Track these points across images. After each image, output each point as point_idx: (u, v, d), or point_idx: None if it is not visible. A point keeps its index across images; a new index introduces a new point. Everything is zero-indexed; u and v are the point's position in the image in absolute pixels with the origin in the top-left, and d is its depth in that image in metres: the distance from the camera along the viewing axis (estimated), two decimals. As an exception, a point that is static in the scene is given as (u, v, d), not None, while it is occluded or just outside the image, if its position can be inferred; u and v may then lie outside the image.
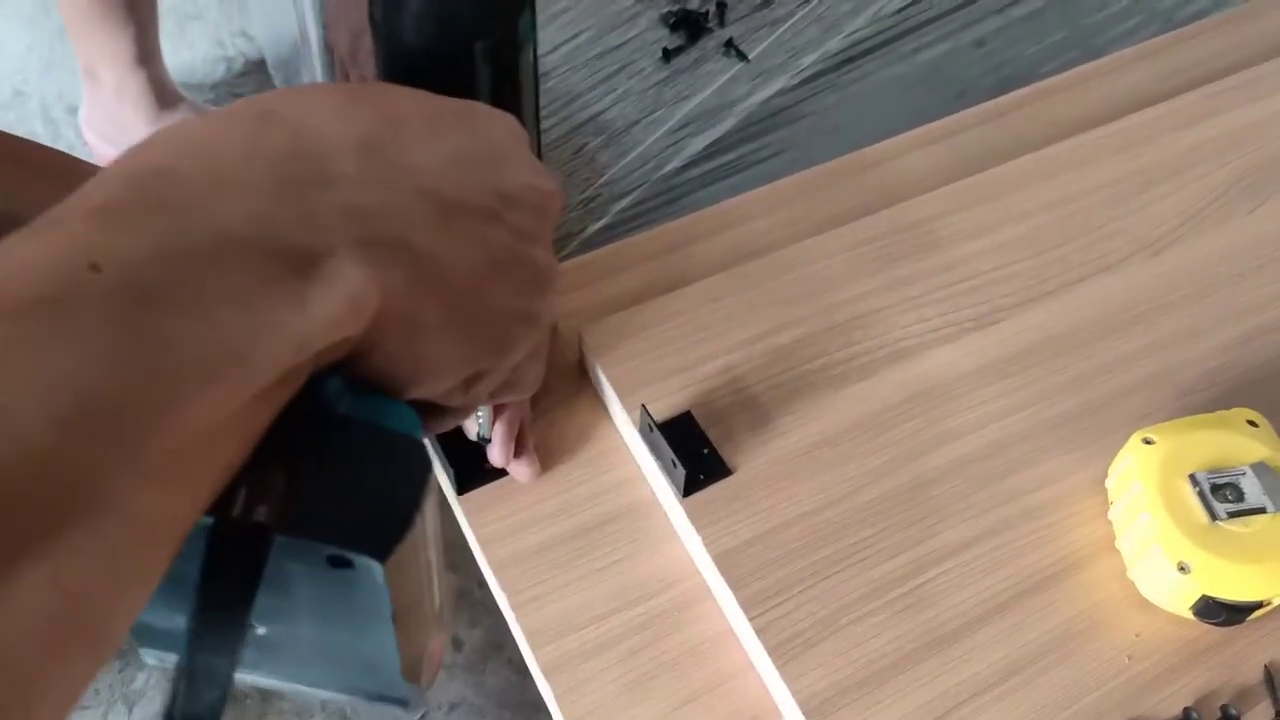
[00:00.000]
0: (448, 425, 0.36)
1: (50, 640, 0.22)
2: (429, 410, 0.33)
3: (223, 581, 0.27)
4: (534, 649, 0.54)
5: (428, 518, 0.30)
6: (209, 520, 0.27)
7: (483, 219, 0.31)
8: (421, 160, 0.30)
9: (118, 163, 0.27)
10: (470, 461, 0.57)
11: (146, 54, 1.26)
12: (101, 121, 1.33)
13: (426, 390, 0.31)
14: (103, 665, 0.24)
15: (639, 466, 0.59)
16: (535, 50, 0.39)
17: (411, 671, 0.31)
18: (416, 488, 0.29)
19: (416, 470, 0.30)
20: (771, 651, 0.52)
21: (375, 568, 0.27)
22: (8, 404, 0.21)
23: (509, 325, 0.33)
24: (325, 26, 0.91)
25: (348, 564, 0.27)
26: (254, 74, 1.48)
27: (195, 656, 0.27)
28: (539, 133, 0.41)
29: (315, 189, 0.28)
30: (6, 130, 0.60)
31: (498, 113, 0.34)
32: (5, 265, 0.23)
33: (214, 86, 1.48)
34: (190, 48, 1.50)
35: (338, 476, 0.28)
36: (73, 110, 1.41)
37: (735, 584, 0.53)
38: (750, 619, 0.52)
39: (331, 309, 0.26)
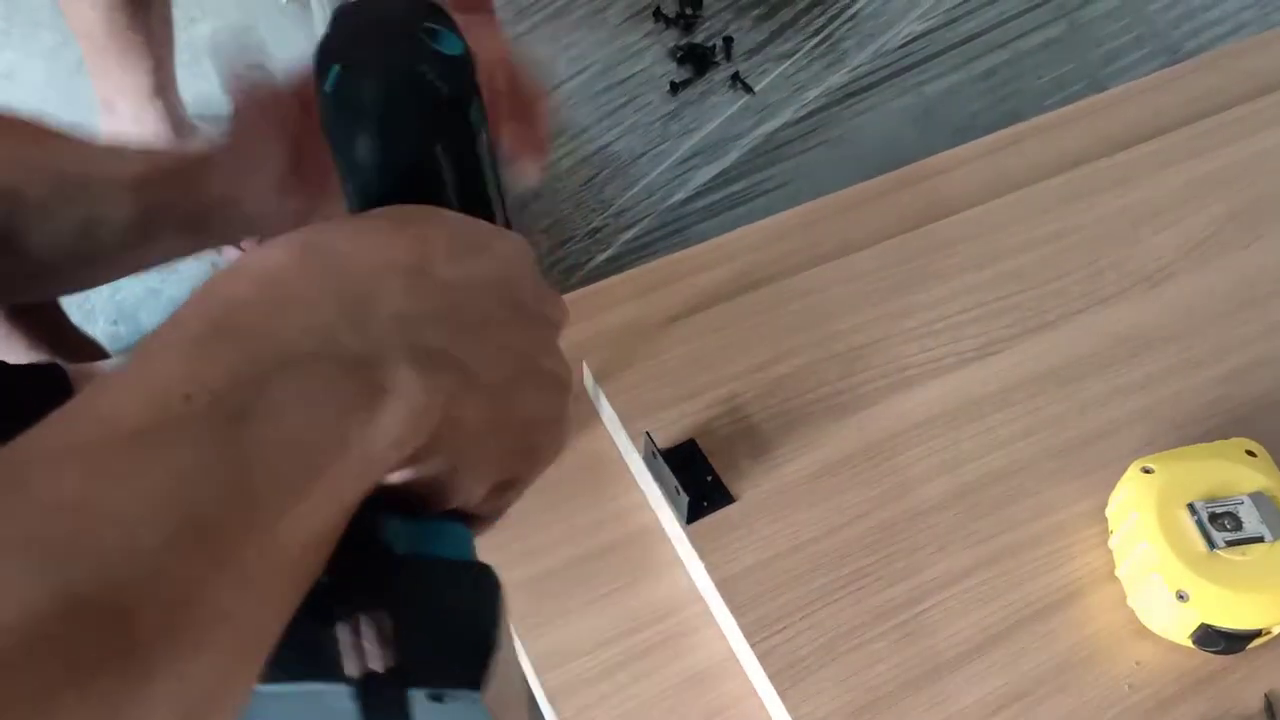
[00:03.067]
0: (478, 533, 0.37)
1: None
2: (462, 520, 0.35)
3: None
4: (539, 674, 0.54)
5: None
6: (337, 685, 0.28)
7: (509, 332, 0.33)
8: (453, 278, 0.32)
9: (194, 298, 0.29)
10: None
11: (163, 86, 1.28)
12: (118, 152, 1.36)
13: (464, 497, 0.33)
14: None
15: (643, 494, 0.60)
16: (487, 131, 0.40)
17: None
18: (495, 612, 0.31)
19: (491, 595, 0.31)
20: (773, 678, 0.52)
21: (474, 698, 0.29)
22: (127, 528, 0.23)
23: (538, 431, 0.35)
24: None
25: (442, 699, 0.29)
26: (268, 106, 1.51)
27: None
28: (505, 208, 0.42)
29: (365, 303, 0.30)
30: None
31: (512, 235, 0.37)
32: (109, 400, 0.26)
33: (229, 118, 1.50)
34: (206, 79, 1.52)
35: (424, 617, 0.30)
36: (90, 141, 1.44)
37: (737, 610, 0.54)
38: (752, 645, 0.53)
39: (399, 425, 0.28)
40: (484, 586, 0.31)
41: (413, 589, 0.30)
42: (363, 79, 0.36)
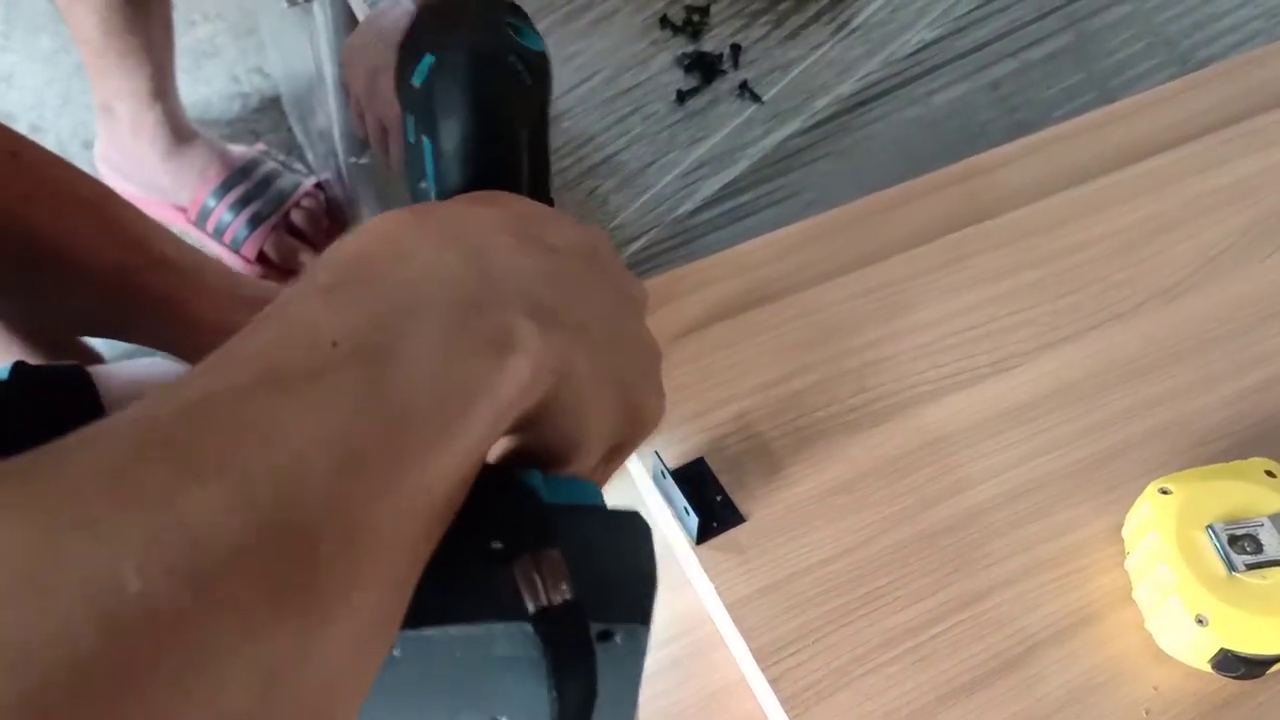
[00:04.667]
0: None
1: (358, 670, 0.25)
2: None
3: (569, 666, 0.28)
4: (545, 698, 0.53)
5: None
6: (510, 623, 0.28)
7: (607, 298, 0.35)
8: (558, 245, 0.34)
9: (319, 260, 0.30)
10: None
11: (162, 90, 1.27)
12: (117, 157, 1.34)
13: (581, 460, 0.34)
14: None
15: (651, 513, 0.59)
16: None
17: None
18: (650, 552, 0.31)
19: (646, 536, 0.32)
20: (785, 703, 0.51)
21: (643, 633, 0.30)
22: (304, 458, 0.24)
23: (642, 395, 0.36)
24: (341, 65, 0.91)
25: (611, 636, 0.29)
26: (269, 110, 1.50)
27: None
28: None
29: (484, 256, 0.31)
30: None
31: (590, 224, 0.39)
32: (255, 348, 0.26)
33: (230, 123, 1.49)
34: (207, 84, 1.51)
35: (591, 557, 0.30)
36: (88, 145, 1.43)
37: (748, 633, 0.53)
38: (763, 669, 0.52)
39: (524, 373, 0.29)
40: (638, 528, 0.32)
41: (576, 531, 0.30)
42: (456, 67, 0.38)
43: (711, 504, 0.56)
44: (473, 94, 0.38)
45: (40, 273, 0.62)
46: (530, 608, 0.28)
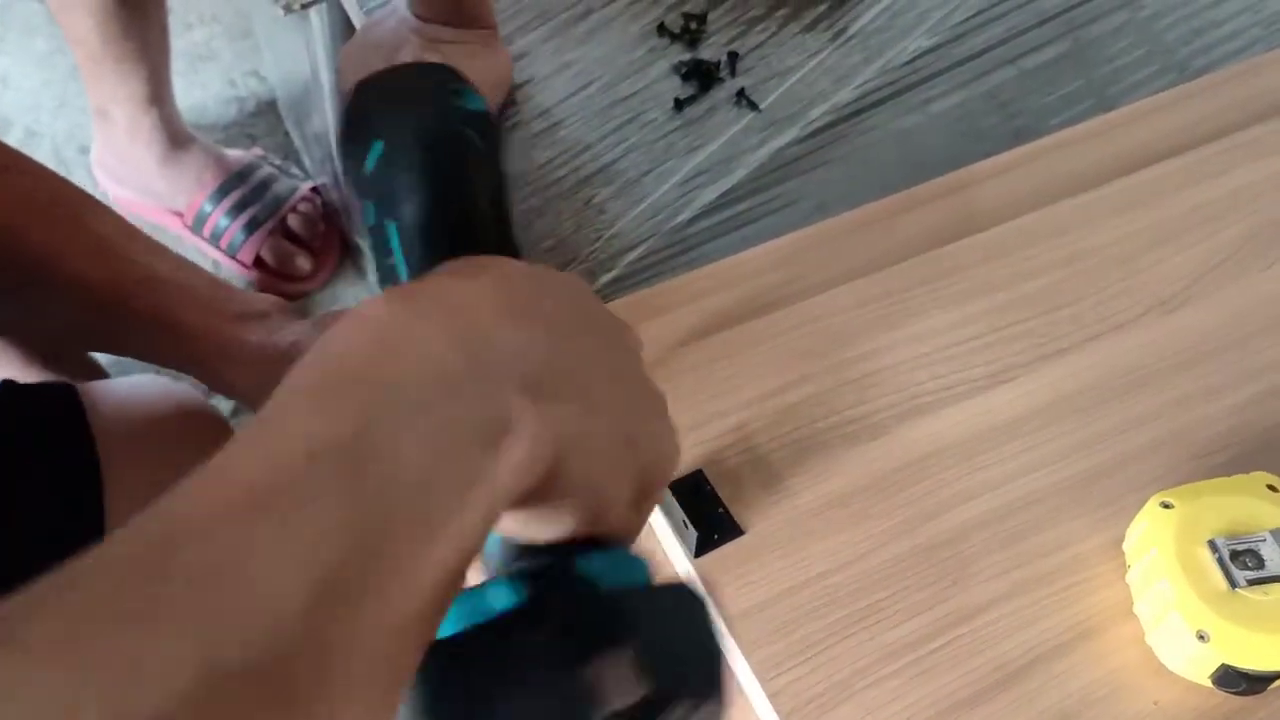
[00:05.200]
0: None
1: None
2: None
3: None
4: (543, 712, 0.53)
5: None
6: None
7: (604, 357, 0.35)
8: (543, 312, 0.33)
9: (309, 358, 0.29)
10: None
11: (158, 94, 1.26)
12: (113, 161, 1.34)
13: (611, 519, 0.34)
14: None
15: (650, 526, 0.59)
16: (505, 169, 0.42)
17: None
18: (710, 625, 0.32)
19: (704, 609, 0.32)
20: (786, 717, 0.51)
21: (717, 707, 0.31)
22: (271, 596, 0.23)
23: (659, 442, 0.36)
24: (337, 72, 0.91)
25: (690, 715, 0.30)
26: (265, 115, 1.49)
27: None
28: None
29: (475, 342, 0.30)
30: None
31: (566, 273, 0.39)
32: (237, 464, 0.26)
33: (226, 127, 1.48)
34: (203, 88, 1.51)
35: (661, 643, 0.30)
36: (84, 150, 1.42)
37: (748, 647, 0.53)
38: (763, 683, 0.52)
39: (519, 454, 0.29)
40: (696, 603, 0.32)
41: (639, 617, 0.31)
42: (408, 150, 0.38)
43: (710, 517, 0.56)
44: (429, 174, 0.37)
45: (31, 285, 0.62)
46: (617, 706, 0.28)
